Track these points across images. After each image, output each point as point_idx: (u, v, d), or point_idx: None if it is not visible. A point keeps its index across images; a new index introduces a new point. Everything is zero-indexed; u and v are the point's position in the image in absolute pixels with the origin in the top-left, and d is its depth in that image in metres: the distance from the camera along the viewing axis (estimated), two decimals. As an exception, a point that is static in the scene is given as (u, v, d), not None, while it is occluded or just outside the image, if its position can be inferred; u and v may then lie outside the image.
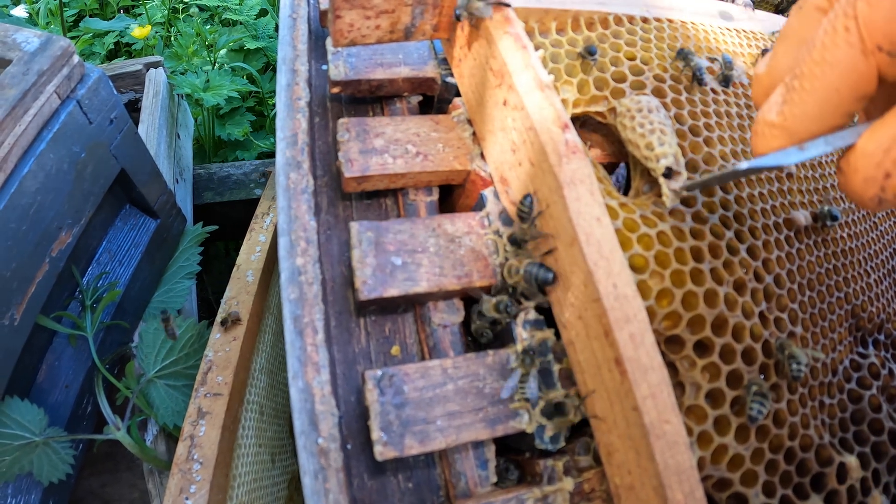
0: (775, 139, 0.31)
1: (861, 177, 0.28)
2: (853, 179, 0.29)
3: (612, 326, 0.33)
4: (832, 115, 0.29)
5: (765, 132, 0.31)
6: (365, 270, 0.39)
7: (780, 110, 0.30)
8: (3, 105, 0.46)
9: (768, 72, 0.33)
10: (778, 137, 0.31)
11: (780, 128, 0.30)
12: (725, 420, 0.36)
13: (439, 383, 0.38)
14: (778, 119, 0.30)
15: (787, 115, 0.30)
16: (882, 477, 0.41)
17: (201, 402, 0.56)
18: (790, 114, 0.30)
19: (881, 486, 0.41)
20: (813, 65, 0.28)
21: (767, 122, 0.31)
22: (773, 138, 0.31)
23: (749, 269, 0.39)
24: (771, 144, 0.31)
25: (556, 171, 0.35)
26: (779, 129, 0.30)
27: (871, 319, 0.46)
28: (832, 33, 0.27)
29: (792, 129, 0.30)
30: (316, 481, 0.34)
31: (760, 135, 0.31)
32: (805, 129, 0.30)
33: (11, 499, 0.56)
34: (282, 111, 0.44)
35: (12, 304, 0.50)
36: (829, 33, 0.27)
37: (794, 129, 0.30)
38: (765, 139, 0.31)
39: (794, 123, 0.30)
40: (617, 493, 0.37)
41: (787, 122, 0.30)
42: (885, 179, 0.27)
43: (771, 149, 0.31)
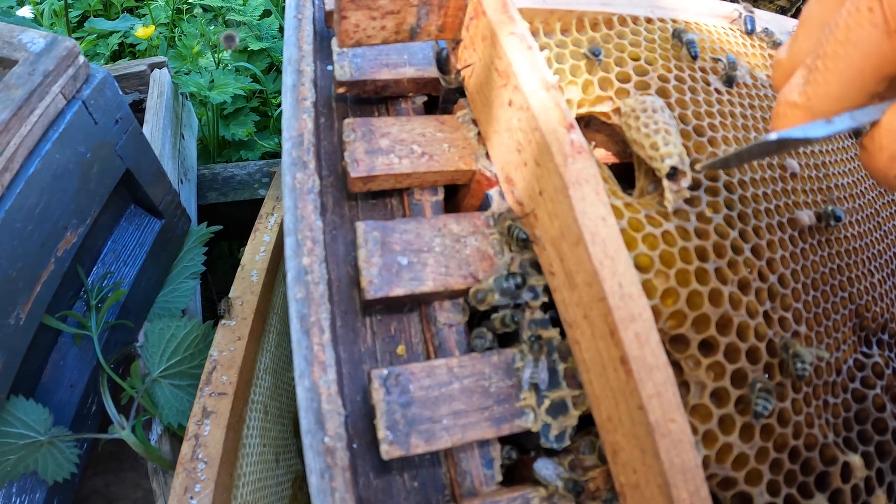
0: (798, 119, 0.30)
1: (887, 154, 0.28)
2: (878, 157, 0.28)
3: (618, 325, 0.33)
4: (855, 96, 0.29)
5: (787, 113, 0.31)
6: (371, 270, 0.39)
7: (803, 90, 0.30)
8: (9, 105, 0.46)
9: (789, 56, 0.33)
10: (800, 118, 0.30)
11: (802, 108, 0.30)
12: (730, 419, 0.36)
13: (445, 382, 0.38)
14: (801, 99, 0.30)
15: (809, 95, 0.29)
16: (886, 476, 0.42)
17: (206, 401, 0.56)
18: (813, 93, 0.29)
19: (885, 486, 0.41)
20: (836, 45, 0.28)
21: (790, 103, 0.30)
22: (795, 118, 0.30)
23: (753, 268, 0.39)
24: (791, 120, 0.31)
25: (562, 171, 0.35)
26: (801, 109, 0.30)
27: (875, 319, 0.46)
28: (856, 14, 0.27)
29: (815, 109, 0.30)
30: (322, 480, 0.34)
31: (782, 116, 0.31)
32: (827, 109, 0.29)
33: (16, 497, 0.57)
34: (287, 111, 0.44)
35: (18, 304, 0.50)
36: (852, 14, 0.27)
37: (816, 109, 0.30)
38: (787, 119, 0.31)
39: (817, 103, 0.29)
40: (622, 491, 0.37)
41: (811, 101, 0.30)
42: None
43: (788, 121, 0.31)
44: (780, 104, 0.31)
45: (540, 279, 0.41)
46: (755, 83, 0.49)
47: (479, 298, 0.39)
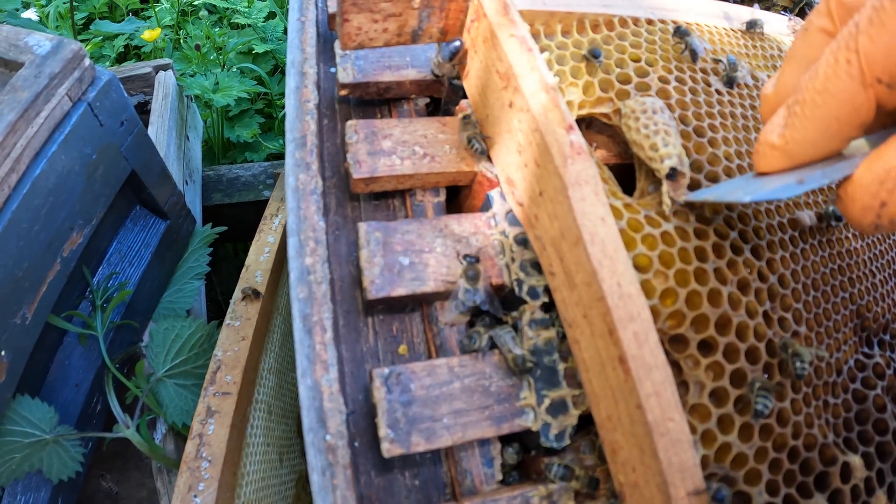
0: (776, 160, 0.33)
1: (859, 205, 0.30)
2: (851, 207, 0.30)
3: (616, 325, 0.33)
4: (831, 141, 0.31)
5: (766, 153, 0.33)
6: (373, 270, 0.40)
7: (782, 133, 0.32)
8: (15, 107, 0.46)
9: (775, 92, 0.35)
10: (778, 158, 0.32)
11: (780, 150, 0.32)
12: (729, 418, 0.37)
13: (446, 381, 0.38)
14: (779, 142, 0.32)
15: (787, 139, 0.32)
16: (886, 477, 0.42)
17: (210, 400, 0.57)
18: (791, 138, 0.31)
19: (885, 487, 0.41)
20: (814, 93, 0.30)
21: (769, 143, 0.33)
22: (773, 159, 0.33)
23: (753, 269, 0.39)
24: (772, 164, 0.33)
25: (561, 172, 0.35)
26: (780, 150, 0.32)
27: (877, 319, 0.46)
28: (834, 65, 0.28)
29: (792, 153, 0.32)
30: (324, 478, 0.35)
31: (762, 154, 0.33)
32: (804, 153, 0.32)
33: (21, 496, 0.57)
34: (291, 113, 0.45)
35: (24, 304, 0.51)
36: (830, 65, 0.29)
37: (793, 153, 0.32)
38: (766, 159, 0.33)
39: (794, 147, 0.31)
40: (622, 490, 0.37)
41: (788, 145, 0.32)
42: (882, 208, 0.29)
43: (771, 168, 0.33)
44: (761, 143, 0.33)
45: (540, 279, 0.41)
46: (756, 84, 0.50)
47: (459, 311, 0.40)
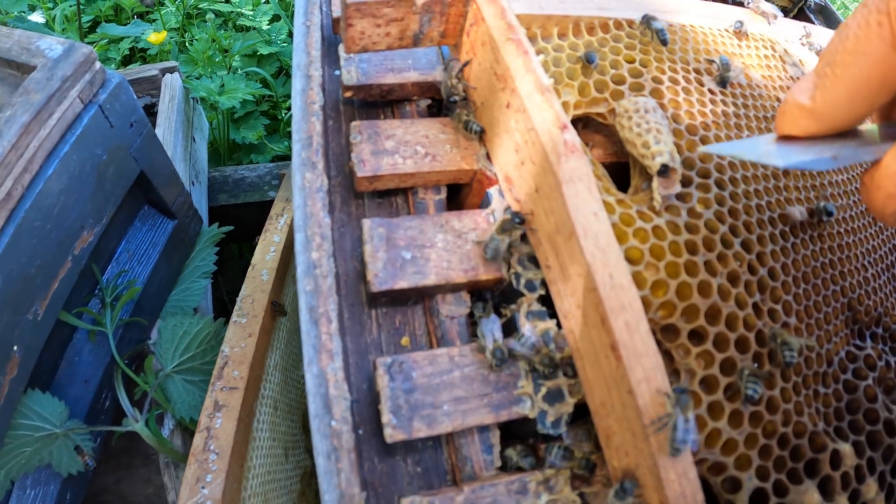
0: (803, 121, 0.32)
1: (884, 193, 0.30)
2: (875, 195, 0.31)
3: (608, 314, 0.34)
4: (861, 104, 0.31)
5: (794, 113, 0.33)
6: (377, 264, 0.41)
7: (812, 95, 0.32)
8: (28, 109, 0.48)
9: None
10: (806, 120, 0.32)
11: (809, 111, 0.32)
12: (719, 405, 0.38)
13: (446, 370, 0.40)
14: (809, 103, 0.32)
15: (817, 100, 0.31)
16: (877, 465, 0.43)
17: (218, 395, 0.58)
18: (821, 98, 0.31)
19: (876, 475, 0.42)
20: (846, 54, 0.30)
21: (798, 104, 0.32)
22: (801, 119, 0.32)
23: (743, 261, 0.41)
24: (798, 125, 0.33)
25: (556, 170, 0.37)
26: (808, 111, 0.32)
27: (869, 313, 0.47)
28: (865, 27, 0.29)
29: (821, 114, 0.32)
30: (329, 461, 0.36)
31: (789, 114, 0.33)
32: (833, 115, 0.31)
33: (31, 490, 0.59)
34: (297, 114, 0.46)
35: (36, 300, 0.53)
36: (862, 27, 0.29)
37: (822, 114, 0.32)
38: (793, 120, 0.33)
39: (824, 108, 0.31)
40: (616, 476, 0.38)
41: (818, 105, 0.32)
42: None
43: (796, 129, 0.33)
44: (788, 104, 0.33)
45: (538, 273, 0.42)
46: (749, 83, 0.51)
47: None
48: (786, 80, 0.54)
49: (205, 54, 0.84)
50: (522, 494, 0.39)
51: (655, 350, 0.35)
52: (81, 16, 0.94)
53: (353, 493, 0.36)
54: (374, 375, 0.39)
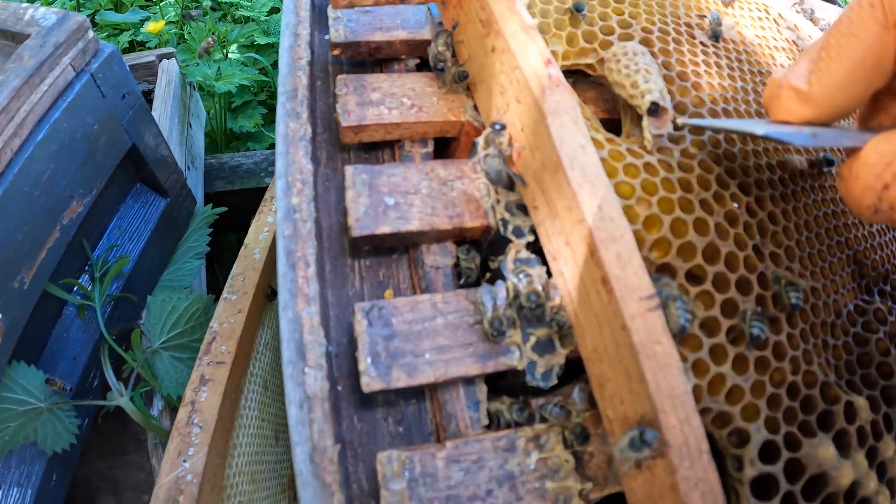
0: (797, 106, 0.32)
1: (862, 184, 0.30)
2: (853, 186, 0.30)
3: (598, 245, 0.33)
4: (856, 87, 0.31)
5: (789, 95, 0.32)
6: (358, 209, 0.40)
7: (808, 78, 0.32)
8: (20, 74, 0.48)
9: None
10: (800, 105, 0.32)
11: (805, 95, 0.32)
12: (722, 349, 0.36)
13: (428, 317, 0.38)
14: (806, 87, 0.32)
15: (814, 83, 0.31)
16: (895, 423, 0.40)
17: (204, 369, 0.57)
18: (817, 81, 0.31)
19: (894, 433, 0.39)
20: (840, 36, 0.30)
21: (792, 87, 0.32)
22: (795, 104, 0.32)
23: (741, 203, 0.39)
24: (792, 111, 0.33)
25: (540, 103, 0.36)
26: (803, 94, 0.32)
27: (876, 268, 0.45)
28: (858, 10, 0.30)
29: (817, 98, 0.32)
30: (301, 411, 0.34)
31: (783, 99, 0.33)
32: (829, 99, 0.31)
33: (15, 469, 0.57)
34: (283, 69, 0.46)
35: (23, 268, 0.52)
36: (855, 9, 0.30)
37: (819, 98, 0.32)
38: (787, 104, 0.33)
39: (821, 91, 0.31)
40: (611, 429, 0.36)
41: (814, 89, 0.31)
42: (884, 190, 0.29)
43: (790, 115, 0.33)
44: (783, 88, 0.33)
45: (526, 220, 0.41)
46: (743, 41, 0.50)
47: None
48: (781, 41, 0.53)
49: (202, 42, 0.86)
50: (510, 452, 0.37)
51: (649, 284, 0.33)
52: (82, 9, 0.96)
53: (326, 446, 0.34)
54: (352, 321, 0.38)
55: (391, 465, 0.34)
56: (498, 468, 0.36)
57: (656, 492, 0.33)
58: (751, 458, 0.35)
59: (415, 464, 0.35)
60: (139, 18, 0.89)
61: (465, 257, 0.40)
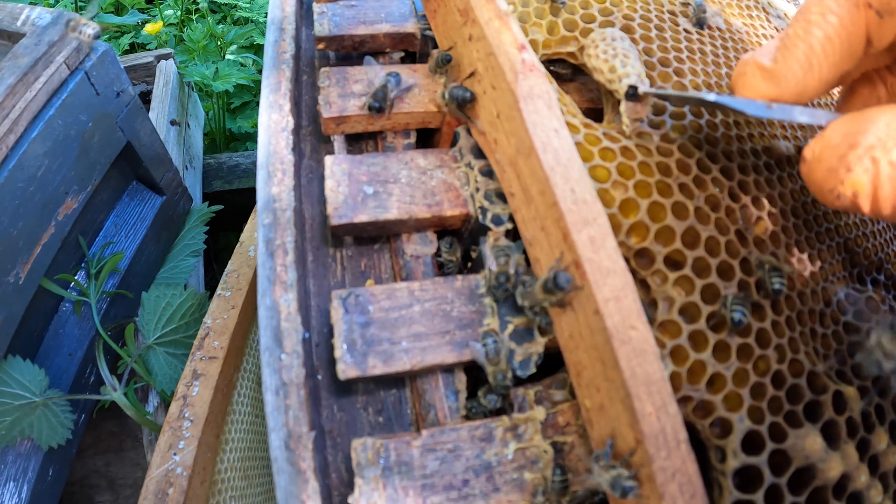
0: (761, 82, 0.31)
1: (824, 167, 0.29)
2: (815, 169, 0.29)
3: (570, 228, 0.32)
4: (822, 65, 0.30)
5: (753, 73, 0.32)
6: (337, 198, 0.40)
7: (774, 56, 0.31)
8: (15, 72, 0.49)
9: None
10: (764, 81, 0.31)
11: (769, 72, 0.31)
12: (702, 335, 0.35)
13: (405, 304, 0.38)
14: (770, 64, 0.31)
15: (778, 60, 0.31)
16: (887, 415, 0.39)
17: (196, 364, 0.57)
18: (782, 58, 0.30)
19: (887, 424, 0.38)
20: (810, 14, 0.30)
21: (758, 64, 0.31)
22: (759, 81, 0.32)
23: (723, 188, 0.38)
24: (756, 87, 0.32)
25: (513, 88, 0.36)
26: (768, 73, 0.31)
27: (868, 256, 0.44)
28: None
29: (781, 75, 0.31)
30: (277, 397, 0.34)
31: (749, 75, 0.32)
32: (793, 77, 0.30)
33: (11, 464, 0.58)
34: (268, 63, 0.46)
35: (18, 263, 0.53)
36: None
37: (782, 75, 0.31)
38: (751, 81, 0.32)
39: (785, 69, 0.30)
40: (588, 418, 0.35)
41: (778, 66, 0.31)
42: (846, 173, 0.28)
43: (753, 88, 0.32)
44: (748, 64, 0.32)
45: (505, 208, 0.41)
46: (729, 28, 0.49)
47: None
48: (769, 29, 0.52)
49: (200, 44, 0.87)
50: (487, 442, 0.36)
51: (624, 268, 0.32)
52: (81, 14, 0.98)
53: (301, 433, 0.34)
54: (329, 308, 0.38)
55: (365, 452, 0.34)
56: (475, 458, 0.35)
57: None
58: (734, 449, 0.34)
59: (390, 452, 0.34)
60: (138, 21, 0.91)
61: (448, 250, 0.40)
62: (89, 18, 0.49)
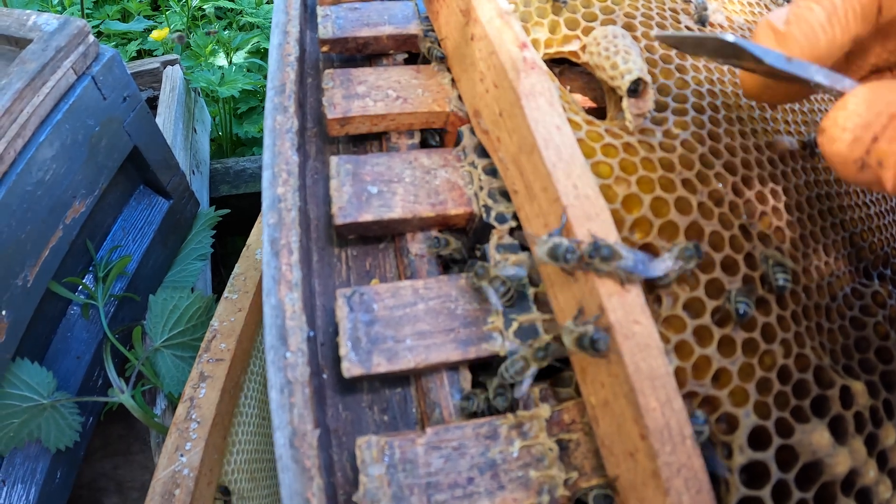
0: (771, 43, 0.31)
1: (849, 136, 0.27)
2: (840, 138, 0.28)
3: (573, 224, 0.32)
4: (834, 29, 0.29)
5: (767, 34, 0.31)
6: (342, 198, 0.40)
7: (787, 19, 0.31)
8: (23, 77, 0.50)
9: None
10: (775, 42, 0.31)
11: (780, 34, 0.31)
12: (707, 330, 0.35)
13: (409, 303, 0.38)
14: (784, 27, 0.31)
15: (792, 22, 0.30)
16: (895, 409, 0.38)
17: (204, 366, 0.58)
18: (795, 20, 0.30)
19: (895, 420, 0.38)
20: None
21: (770, 25, 0.31)
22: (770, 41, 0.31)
23: (727, 183, 0.38)
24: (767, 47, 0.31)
25: (515, 86, 0.36)
26: (780, 35, 0.31)
27: (874, 250, 0.43)
28: None
29: (791, 36, 0.30)
30: (282, 395, 0.34)
31: (760, 36, 0.31)
32: (803, 39, 0.30)
33: (20, 466, 0.58)
34: (273, 66, 0.47)
35: (26, 266, 0.53)
36: None
37: (797, 37, 0.30)
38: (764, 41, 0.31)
39: (796, 30, 0.30)
40: (594, 415, 0.35)
41: (792, 28, 0.30)
42: (873, 143, 0.27)
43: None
44: (760, 26, 0.32)
45: (509, 206, 0.41)
46: (731, 24, 0.49)
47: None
48: (776, 24, 0.52)
49: (206, 49, 0.88)
50: (492, 439, 0.36)
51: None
52: (89, 20, 0.99)
53: (306, 430, 0.34)
54: (334, 306, 0.38)
55: (370, 450, 0.34)
56: (479, 456, 0.35)
57: (638, 479, 0.32)
58: (740, 445, 0.34)
59: (394, 449, 0.35)
60: (144, 27, 0.92)
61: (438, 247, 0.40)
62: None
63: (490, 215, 0.40)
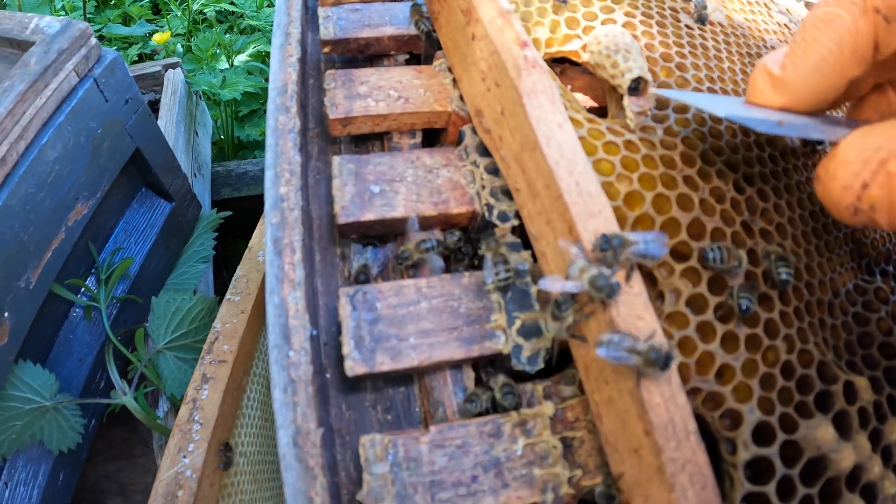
0: (771, 91, 0.32)
1: (840, 184, 0.28)
2: (831, 186, 0.29)
3: (576, 221, 0.32)
4: (831, 74, 0.30)
5: (763, 79, 0.32)
6: (344, 197, 0.40)
7: (783, 63, 0.31)
8: (25, 79, 0.50)
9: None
10: (774, 89, 0.32)
11: (779, 80, 0.31)
12: (710, 326, 0.35)
13: (412, 301, 0.38)
14: (779, 72, 0.31)
15: (787, 68, 0.31)
16: (900, 406, 0.38)
17: (206, 368, 0.57)
18: (791, 66, 0.31)
19: (900, 415, 0.38)
20: (817, 21, 0.30)
21: (766, 70, 0.32)
22: (769, 88, 0.32)
23: (728, 179, 0.38)
24: (764, 95, 0.32)
25: (517, 84, 0.36)
26: (776, 79, 0.31)
27: (876, 247, 0.43)
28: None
29: (791, 83, 0.31)
30: (285, 394, 0.34)
31: (758, 81, 0.32)
32: (801, 83, 0.31)
33: (22, 468, 0.58)
34: (274, 66, 0.47)
35: (29, 268, 0.54)
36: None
37: (792, 84, 0.31)
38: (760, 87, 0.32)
39: (794, 77, 0.31)
40: (598, 412, 0.35)
41: (787, 74, 0.31)
42: (863, 190, 0.28)
43: (762, 99, 0.32)
44: (758, 70, 0.32)
45: (511, 205, 0.41)
46: (731, 24, 0.49)
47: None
48: (772, 24, 0.53)
49: (208, 52, 0.88)
50: (496, 437, 0.36)
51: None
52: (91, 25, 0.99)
53: (309, 429, 0.34)
54: (337, 305, 0.38)
55: (374, 448, 0.34)
56: (483, 454, 0.35)
57: (643, 475, 0.32)
58: (744, 441, 0.34)
59: (398, 448, 0.35)
60: (146, 31, 0.93)
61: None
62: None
63: (492, 214, 0.41)
